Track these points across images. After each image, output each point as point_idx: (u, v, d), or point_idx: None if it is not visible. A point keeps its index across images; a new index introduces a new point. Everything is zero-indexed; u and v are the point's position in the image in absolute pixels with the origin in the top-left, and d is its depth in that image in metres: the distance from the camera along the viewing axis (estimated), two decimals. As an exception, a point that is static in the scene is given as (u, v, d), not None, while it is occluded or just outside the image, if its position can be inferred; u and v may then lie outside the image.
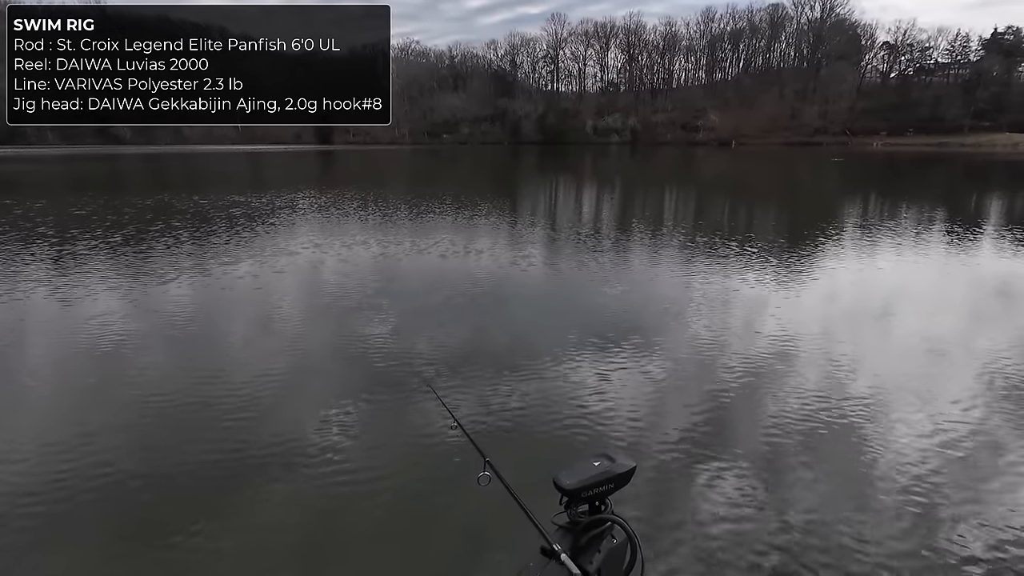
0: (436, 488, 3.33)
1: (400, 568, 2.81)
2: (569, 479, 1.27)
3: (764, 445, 3.75)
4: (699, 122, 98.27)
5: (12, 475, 3.45)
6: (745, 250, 10.10)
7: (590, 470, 1.29)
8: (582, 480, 1.27)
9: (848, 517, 3.04)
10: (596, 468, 1.30)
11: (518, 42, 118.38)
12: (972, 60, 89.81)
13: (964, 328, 6.17)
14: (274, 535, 3.00)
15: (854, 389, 4.54)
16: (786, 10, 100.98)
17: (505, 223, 13.91)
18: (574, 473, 1.28)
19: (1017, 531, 2.93)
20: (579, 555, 1.22)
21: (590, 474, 1.29)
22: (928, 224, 13.75)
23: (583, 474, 1.28)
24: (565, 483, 1.27)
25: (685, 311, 6.61)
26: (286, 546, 2.92)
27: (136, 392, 4.51)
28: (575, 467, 1.31)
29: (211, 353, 5.43)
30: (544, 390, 4.55)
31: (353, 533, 3.01)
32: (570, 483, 1.26)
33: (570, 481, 1.26)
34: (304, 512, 3.15)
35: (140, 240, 11.14)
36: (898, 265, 9.30)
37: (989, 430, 3.92)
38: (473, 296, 7.44)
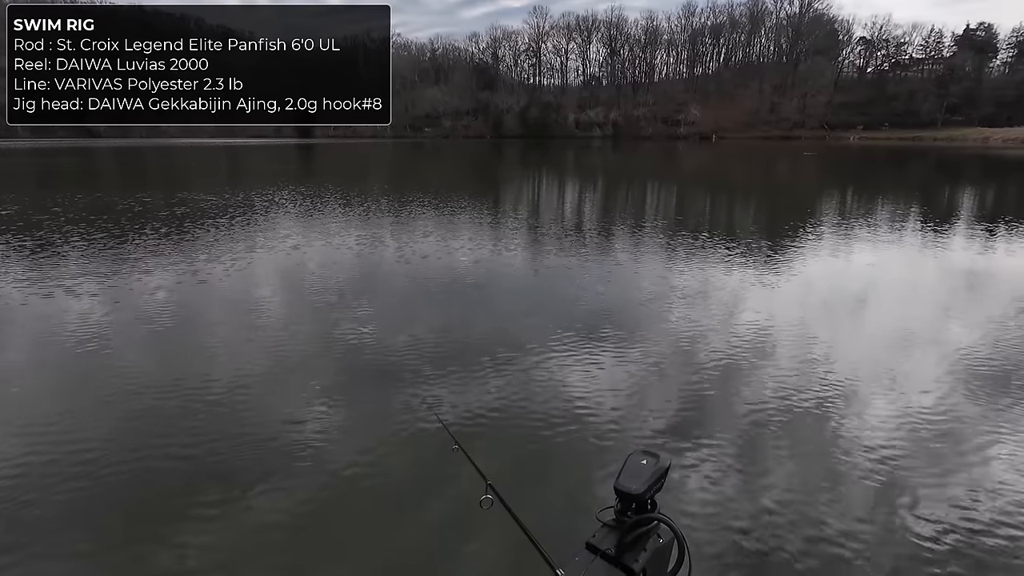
0: (433, 511, 3.21)
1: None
2: (635, 483, 1.24)
3: (743, 430, 3.91)
4: (680, 116, 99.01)
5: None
6: (721, 242, 10.33)
7: (645, 470, 1.27)
8: (646, 481, 1.25)
9: (821, 498, 3.21)
10: (648, 467, 1.28)
11: (500, 35, 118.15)
12: (945, 56, 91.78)
13: (935, 317, 6.44)
14: (259, 536, 2.98)
15: (827, 377, 4.73)
16: (765, 5, 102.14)
17: (495, 218, 13.99)
18: (633, 476, 1.26)
19: (980, 507, 3.12)
20: (624, 553, 1.21)
21: (648, 473, 1.26)
22: (901, 218, 14.14)
23: (642, 475, 1.26)
24: (633, 488, 1.24)
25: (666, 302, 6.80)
26: (270, 548, 2.90)
27: (113, 390, 4.44)
28: (630, 469, 1.27)
29: (185, 356, 5.28)
30: (526, 382, 4.62)
31: (342, 538, 3.01)
32: (637, 487, 1.23)
33: (636, 486, 1.24)
34: (292, 517, 3.12)
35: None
36: (868, 256, 9.59)
37: (956, 414, 4.13)
38: (460, 290, 7.53)
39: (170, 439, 3.79)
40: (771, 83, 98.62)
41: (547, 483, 3.40)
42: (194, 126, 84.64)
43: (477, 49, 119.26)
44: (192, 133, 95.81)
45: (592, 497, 3.22)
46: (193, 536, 2.96)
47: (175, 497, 3.25)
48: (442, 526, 3.04)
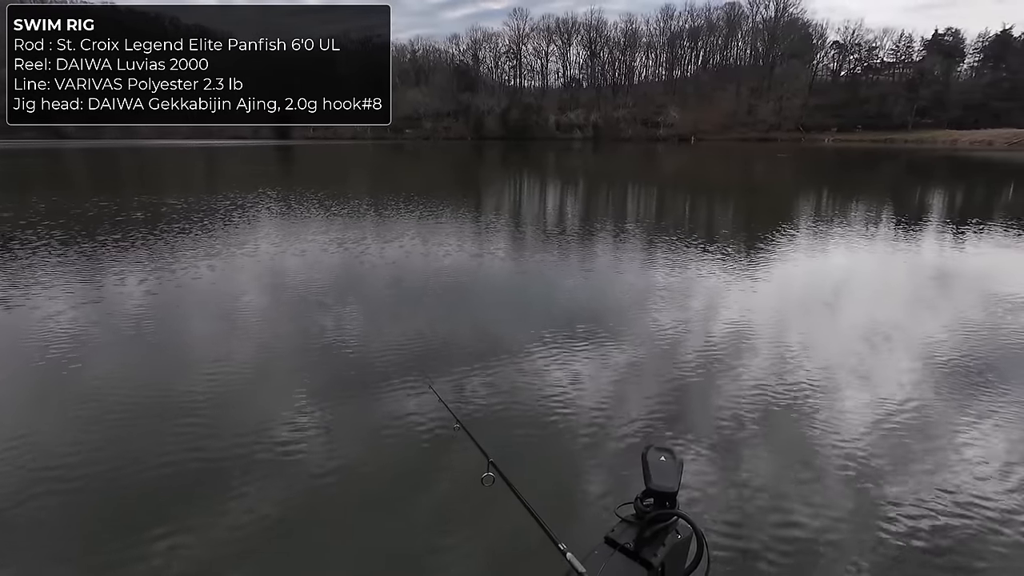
0: (438, 484, 3.31)
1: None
2: (669, 481, 1.25)
3: (721, 424, 4.03)
4: (659, 118, 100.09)
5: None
6: (699, 241, 10.58)
7: (669, 467, 1.28)
8: (676, 478, 1.26)
9: (796, 489, 3.33)
10: (669, 464, 1.29)
11: (480, 37, 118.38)
12: (915, 60, 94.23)
13: (906, 314, 6.69)
14: (253, 532, 2.98)
15: (803, 372, 4.90)
16: (742, 9, 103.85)
17: (482, 221, 14.08)
18: (663, 475, 1.26)
19: (946, 495, 3.28)
20: (642, 548, 1.22)
21: (674, 470, 1.28)
22: (874, 219, 14.58)
23: (669, 472, 1.27)
24: (669, 486, 1.25)
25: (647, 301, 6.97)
26: (262, 546, 2.89)
27: (85, 398, 4.30)
28: (656, 469, 1.28)
29: (159, 361, 5.14)
30: (513, 378, 4.69)
31: (342, 531, 3.02)
32: (672, 485, 1.25)
33: (671, 483, 1.25)
34: (291, 510, 3.12)
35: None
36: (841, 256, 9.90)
37: (926, 407, 4.30)
38: (448, 290, 7.60)
39: (149, 444, 3.70)
40: (748, 86, 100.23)
41: (540, 481, 3.41)
42: (168, 126, 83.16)
43: (458, 51, 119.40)
44: (166, 134, 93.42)
45: (583, 492, 3.29)
46: (181, 538, 2.92)
47: (162, 500, 3.18)
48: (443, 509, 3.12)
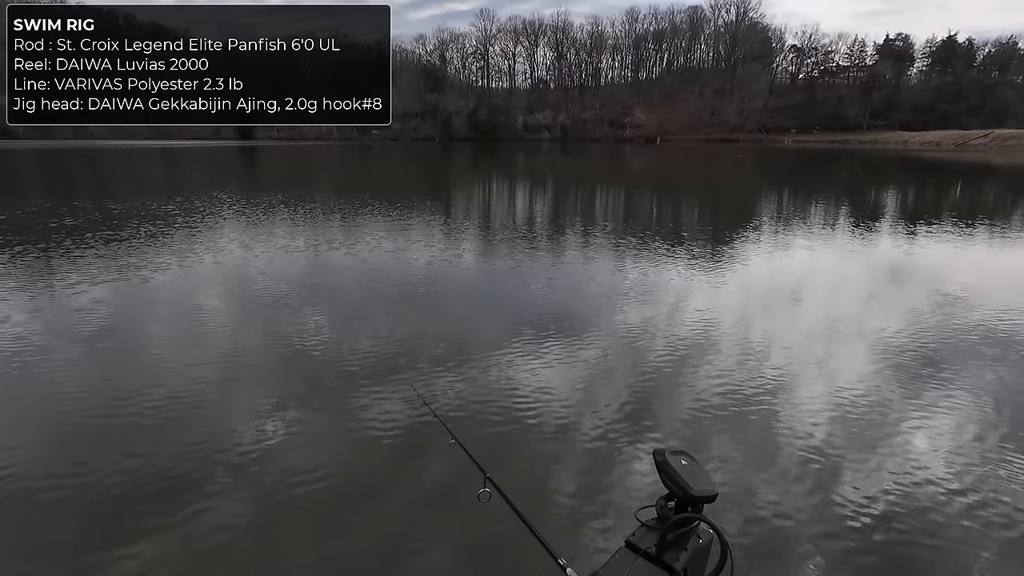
0: (432, 505, 3.24)
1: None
2: (706, 485, 1.23)
3: (689, 418, 4.21)
4: (626, 119, 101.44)
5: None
6: (663, 240, 10.96)
7: (696, 468, 1.26)
8: (711, 480, 1.25)
9: (759, 478, 3.49)
10: (693, 466, 1.27)
11: (447, 37, 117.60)
12: (868, 64, 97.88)
13: (863, 309, 7.07)
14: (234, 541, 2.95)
15: (767, 367, 5.13)
16: (704, 12, 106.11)
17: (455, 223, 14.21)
18: (695, 478, 1.24)
19: (902, 483, 3.49)
20: (664, 552, 1.20)
21: (702, 471, 1.26)
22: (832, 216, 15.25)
23: (699, 475, 1.25)
24: (710, 489, 1.23)
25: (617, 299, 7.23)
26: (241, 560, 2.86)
27: (49, 405, 4.19)
28: (687, 473, 1.24)
29: (126, 367, 4.97)
30: (494, 381, 4.74)
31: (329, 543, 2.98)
32: (711, 488, 1.23)
33: (710, 486, 1.23)
34: (262, 515, 3.10)
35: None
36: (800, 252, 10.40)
37: (883, 398, 4.56)
38: (419, 292, 7.61)
39: (120, 450, 3.66)
40: (711, 88, 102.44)
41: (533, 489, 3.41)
42: (126, 128, 78.69)
43: (425, 51, 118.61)
44: (124, 134, 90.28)
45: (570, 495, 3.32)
46: (153, 547, 2.88)
47: (138, 508, 3.16)
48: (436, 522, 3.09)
